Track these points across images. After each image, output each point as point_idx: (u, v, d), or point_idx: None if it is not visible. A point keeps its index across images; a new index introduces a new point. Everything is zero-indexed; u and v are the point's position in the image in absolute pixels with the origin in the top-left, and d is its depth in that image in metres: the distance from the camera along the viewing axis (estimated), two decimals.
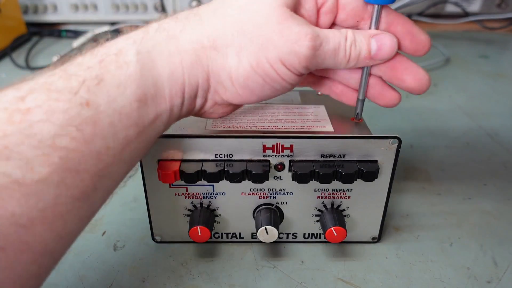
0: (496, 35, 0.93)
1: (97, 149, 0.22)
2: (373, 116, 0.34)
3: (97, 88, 0.22)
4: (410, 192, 0.43)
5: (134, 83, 0.23)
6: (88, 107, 0.21)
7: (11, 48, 0.81)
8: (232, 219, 0.35)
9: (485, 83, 0.70)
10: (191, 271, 0.33)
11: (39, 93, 0.21)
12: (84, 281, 0.32)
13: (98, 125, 0.22)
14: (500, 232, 0.38)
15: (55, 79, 0.22)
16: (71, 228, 0.22)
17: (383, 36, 0.28)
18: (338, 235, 0.32)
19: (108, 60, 0.23)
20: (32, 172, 0.19)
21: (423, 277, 0.33)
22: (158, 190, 0.33)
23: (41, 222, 0.20)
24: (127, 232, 0.37)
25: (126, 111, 0.23)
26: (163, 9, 0.93)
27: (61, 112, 0.20)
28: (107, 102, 0.22)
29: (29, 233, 0.19)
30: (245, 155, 0.31)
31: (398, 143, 0.31)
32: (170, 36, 0.25)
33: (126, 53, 0.24)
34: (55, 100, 0.21)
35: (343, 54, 0.27)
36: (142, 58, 0.24)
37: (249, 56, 0.26)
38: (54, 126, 0.20)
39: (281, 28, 0.25)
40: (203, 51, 0.26)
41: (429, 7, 0.94)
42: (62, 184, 0.20)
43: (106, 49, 0.24)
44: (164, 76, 0.25)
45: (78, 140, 0.21)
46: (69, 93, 0.21)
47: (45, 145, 0.20)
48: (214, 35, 0.25)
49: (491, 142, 0.52)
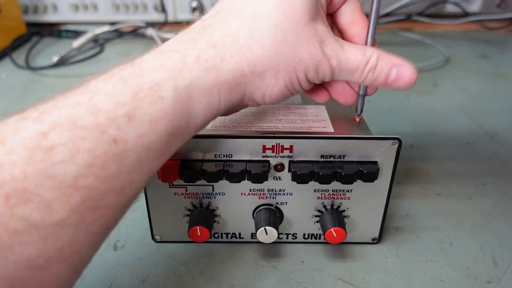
0: (496, 35, 0.93)
1: (120, 185, 0.21)
2: (373, 116, 0.34)
3: (127, 125, 0.21)
4: (410, 192, 0.43)
5: (167, 118, 0.22)
6: (115, 144, 0.20)
7: (11, 48, 0.82)
8: (232, 219, 0.35)
9: (485, 83, 0.70)
10: (191, 271, 0.33)
11: (64, 129, 0.19)
12: (84, 281, 0.32)
13: (124, 162, 0.21)
14: (500, 232, 0.38)
15: (81, 112, 0.20)
16: (86, 261, 0.21)
17: (404, 68, 0.28)
18: (337, 236, 0.32)
19: (141, 95, 0.22)
20: (51, 214, 0.18)
21: (423, 277, 0.33)
22: (157, 190, 0.33)
23: (58, 261, 0.19)
24: (127, 232, 0.37)
25: (155, 146, 0.22)
26: (163, 9, 0.93)
27: (86, 151, 0.19)
28: (136, 138, 0.21)
29: (45, 273, 0.19)
30: (244, 156, 0.31)
31: (399, 144, 0.30)
32: (210, 67, 0.24)
33: (162, 88, 0.22)
34: (80, 138, 0.19)
35: (358, 76, 0.28)
36: (179, 93, 0.23)
37: (284, 75, 0.26)
38: (78, 166, 0.19)
39: (310, 47, 0.26)
40: (243, 78, 0.25)
41: (429, 7, 0.94)
42: (82, 223, 0.19)
43: (140, 79, 0.22)
44: (200, 109, 0.24)
45: (101, 178, 0.20)
46: (97, 130, 0.20)
47: (66, 185, 0.19)
48: (254, 61, 0.25)
49: (491, 142, 0.52)
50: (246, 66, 0.25)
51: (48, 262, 0.18)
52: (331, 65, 0.27)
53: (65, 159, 0.19)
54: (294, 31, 0.25)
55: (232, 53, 0.25)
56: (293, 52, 0.26)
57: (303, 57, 0.26)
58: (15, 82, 0.70)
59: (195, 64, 0.24)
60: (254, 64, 0.25)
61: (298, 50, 0.26)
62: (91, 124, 0.20)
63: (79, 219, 0.19)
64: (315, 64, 0.26)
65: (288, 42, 0.25)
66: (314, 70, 0.27)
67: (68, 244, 0.19)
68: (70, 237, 0.19)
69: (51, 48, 0.85)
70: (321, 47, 0.26)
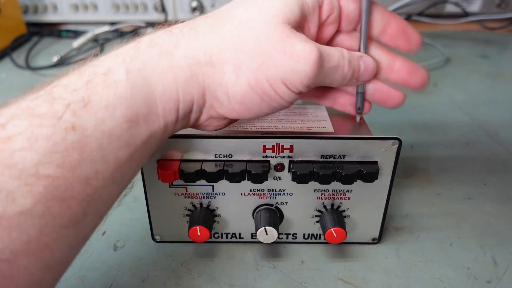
0: (496, 35, 0.93)
1: (85, 174, 0.20)
2: (373, 116, 0.34)
3: (83, 110, 0.21)
4: (410, 192, 0.43)
5: (124, 103, 0.22)
6: (74, 131, 0.20)
7: (11, 48, 0.82)
8: (232, 219, 0.35)
9: (485, 83, 0.70)
10: (191, 271, 0.33)
11: (21, 119, 0.19)
12: (84, 281, 0.32)
13: (86, 149, 0.20)
14: (500, 232, 0.38)
15: (38, 103, 0.20)
16: (60, 256, 0.21)
17: (367, 58, 0.28)
18: (337, 236, 0.32)
19: (95, 81, 0.22)
20: (13, 204, 0.18)
21: (423, 277, 0.33)
22: (157, 190, 0.33)
23: (26, 254, 0.19)
24: (127, 232, 0.37)
25: (116, 132, 0.22)
26: (163, 9, 0.93)
27: (44, 138, 0.19)
28: (94, 124, 0.21)
29: (13, 266, 0.18)
30: (244, 156, 0.31)
31: (399, 144, 0.30)
32: (163, 51, 0.24)
33: (115, 72, 0.22)
34: (38, 126, 0.19)
35: (341, 72, 0.27)
36: (133, 76, 0.23)
37: (247, 74, 0.24)
38: (37, 154, 0.19)
39: (284, 46, 0.24)
40: (199, 67, 0.24)
41: (429, 7, 0.94)
42: (48, 214, 0.19)
43: (94, 68, 0.23)
44: (157, 94, 0.23)
45: (63, 166, 0.19)
46: (53, 117, 0.20)
47: (27, 174, 0.18)
48: (211, 51, 0.24)
49: (491, 142, 0.52)
50: (202, 55, 0.24)
51: (14, 255, 0.18)
52: (316, 62, 0.25)
53: (24, 146, 0.19)
54: (264, 29, 0.24)
55: (188, 41, 0.25)
56: (258, 50, 0.24)
57: (273, 56, 0.24)
58: (15, 82, 0.70)
59: (148, 48, 0.24)
60: (210, 54, 0.24)
61: (267, 48, 0.24)
62: (47, 111, 0.20)
63: (45, 210, 0.19)
64: (293, 63, 0.24)
65: (254, 40, 0.24)
66: (293, 70, 0.24)
67: (35, 236, 0.19)
68: (37, 229, 0.19)
69: (51, 48, 0.85)
70: (303, 46, 0.24)
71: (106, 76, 0.22)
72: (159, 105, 0.24)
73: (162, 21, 0.93)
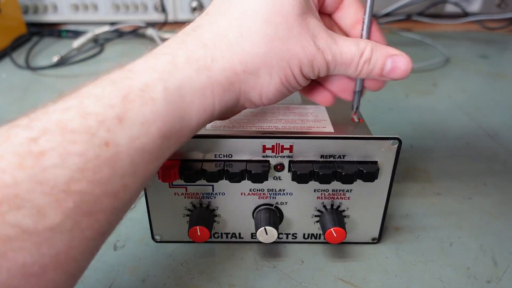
0: (496, 35, 0.93)
1: (114, 189, 0.20)
2: (373, 116, 0.34)
3: (118, 127, 0.20)
4: (410, 192, 0.43)
5: (159, 120, 0.22)
6: (107, 148, 0.20)
7: (11, 48, 0.82)
8: (232, 219, 0.35)
9: (485, 83, 0.70)
10: (191, 271, 0.33)
11: (54, 134, 0.19)
12: (84, 281, 0.32)
13: (117, 165, 0.20)
14: (500, 232, 0.38)
15: (70, 116, 0.20)
16: (83, 266, 0.21)
17: (400, 58, 0.28)
18: (337, 236, 0.32)
19: (131, 97, 0.21)
20: (44, 220, 0.18)
21: (423, 277, 0.33)
22: (157, 190, 0.33)
23: (54, 267, 0.19)
24: (127, 232, 0.37)
25: (149, 148, 0.22)
26: (163, 9, 0.93)
27: (77, 155, 0.19)
28: (128, 141, 0.21)
29: (41, 280, 0.18)
30: (244, 156, 0.31)
31: (399, 144, 0.30)
32: (201, 67, 0.24)
33: (153, 90, 0.22)
34: (70, 142, 0.19)
35: (353, 69, 0.28)
36: (170, 94, 0.22)
37: (279, 72, 0.26)
38: (69, 170, 0.19)
39: (302, 41, 0.26)
40: (236, 76, 0.25)
41: (429, 7, 0.94)
42: (76, 228, 0.19)
43: (129, 82, 0.22)
44: (193, 108, 0.24)
45: (94, 182, 0.19)
46: (87, 133, 0.20)
47: (58, 190, 0.18)
48: (246, 59, 0.25)
49: (491, 142, 0.52)
50: (238, 64, 0.25)
51: (43, 269, 0.18)
52: (325, 59, 0.27)
53: (56, 163, 0.19)
54: (285, 25, 0.25)
55: (223, 52, 0.25)
56: (285, 47, 0.25)
57: (296, 51, 0.26)
58: (15, 82, 0.70)
59: (185, 64, 0.24)
60: (246, 62, 0.25)
61: (291, 44, 0.25)
62: (81, 127, 0.20)
63: (74, 224, 0.19)
64: (310, 59, 0.26)
65: (279, 37, 0.25)
66: (309, 64, 0.26)
67: (63, 250, 0.19)
68: (65, 243, 0.19)
69: (51, 48, 0.85)
70: (314, 41, 0.26)
71: (143, 92, 0.22)
72: (193, 120, 0.24)
73: (162, 21, 0.93)
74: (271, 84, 0.26)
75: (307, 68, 0.27)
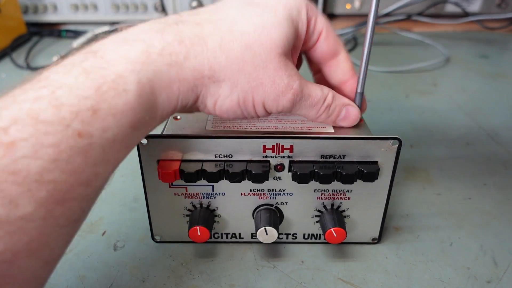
0: (496, 35, 0.93)
1: (86, 177, 0.21)
2: (373, 116, 0.34)
3: (91, 118, 0.20)
4: (410, 192, 0.43)
5: (131, 112, 0.22)
6: (80, 138, 0.20)
7: (11, 48, 0.82)
8: (232, 220, 0.35)
9: (485, 83, 0.70)
10: (191, 271, 0.33)
11: (25, 124, 0.19)
12: (84, 281, 0.32)
13: (89, 154, 0.20)
14: (500, 232, 0.38)
15: (42, 106, 0.20)
16: (57, 253, 0.21)
17: (352, 108, 0.32)
18: (337, 236, 0.32)
19: (105, 88, 0.21)
20: (16, 209, 0.18)
21: (423, 277, 0.33)
22: (158, 190, 0.33)
23: (26, 254, 0.19)
24: (127, 232, 0.37)
25: (119, 138, 0.22)
26: (163, 9, 0.93)
27: (50, 146, 0.19)
28: (101, 131, 0.21)
29: (14, 267, 0.19)
30: (244, 156, 0.31)
31: (399, 144, 0.30)
32: (173, 62, 0.24)
33: (126, 81, 0.22)
34: (43, 133, 0.19)
35: (315, 112, 0.30)
36: (142, 87, 0.23)
37: (239, 92, 0.27)
38: (42, 161, 0.19)
39: (274, 76, 0.27)
40: (201, 79, 0.25)
41: (429, 7, 0.94)
42: (49, 216, 0.19)
43: (102, 71, 0.22)
44: (159, 101, 0.24)
45: (67, 171, 0.20)
46: (60, 124, 0.19)
47: (30, 180, 0.18)
48: (215, 67, 0.25)
49: (491, 142, 0.52)
50: (207, 70, 0.25)
51: (16, 256, 0.18)
52: (293, 98, 0.28)
53: (28, 154, 0.18)
54: (264, 57, 0.26)
55: (197, 54, 0.25)
56: (256, 76, 0.26)
57: (265, 84, 0.27)
58: (15, 82, 0.70)
59: (159, 57, 0.24)
60: (214, 70, 0.26)
61: (262, 76, 0.26)
62: (54, 118, 0.19)
63: (46, 213, 0.19)
64: (277, 94, 0.27)
65: (254, 65, 0.26)
66: (275, 99, 0.27)
67: (36, 237, 0.19)
68: (38, 231, 0.19)
69: (51, 48, 0.85)
70: (288, 80, 0.27)
71: (117, 84, 0.22)
72: (159, 111, 0.25)
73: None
74: (228, 99, 0.27)
75: (271, 102, 0.28)
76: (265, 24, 0.26)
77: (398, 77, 0.72)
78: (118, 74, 0.22)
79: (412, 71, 0.74)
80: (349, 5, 0.98)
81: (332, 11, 0.99)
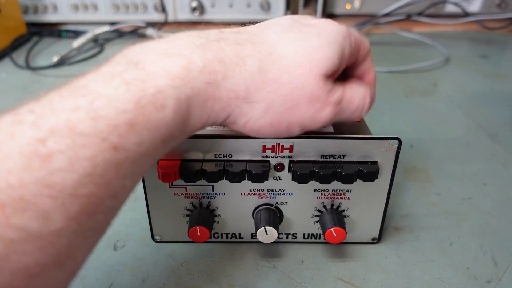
0: (496, 35, 0.93)
1: (116, 190, 0.20)
2: (373, 116, 0.34)
3: (128, 132, 0.20)
4: (410, 192, 0.43)
5: (165, 127, 0.22)
6: (115, 152, 0.20)
7: (11, 48, 0.82)
8: (232, 219, 0.35)
9: (485, 83, 0.70)
10: (191, 271, 0.33)
11: (62, 135, 0.18)
12: (84, 281, 0.32)
13: (121, 167, 0.20)
14: (500, 232, 0.38)
15: (80, 117, 0.19)
16: (81, 264, 0.21)
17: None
18: (337, 236, 0.32)
19: (144, 102, 0.21)
20: (49, 224, 0.18)
21: (423, 277, 0.33)
22: (157, 190, 0.33)
23: (54, 267, 0.19)
24: (127, 232, 0.37)
25: (150, 152, 0.22)
26: (163, 9, 0.93)
27: (86, 159, 0.19)
28: (135, 146, 0.21)
29: (40, 280, 0.18)
30: (244, 156, 0.31)
31: (398, 144, 0.30)
32: (212, 80, 0.24)
33: (165, 97, 0.22)
34: (80, 146, 0.19)
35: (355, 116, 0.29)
36: (180, 103, 0.23)
37: (274, 114, 0.26)
38: (77, 174, 0.18)
39: (311, 97, 0.26)
40: (235, 100, 0.25)
41: (429, 7, 0.94)
42: (79, 230, 0.19)
43: (142, 84, 0.21)
44: (192, 117, 0.24)
45: (100, 185, 0.19)
46: (97, 138, 0.19)
47: (65, 194, 0.18)
48: (251, 89, 0.25)
49: (491, 142, 0.52)
50: (243, 90, 0.25)
51: (43, 270, 0.18)
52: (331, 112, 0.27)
53: (64, 167, 0.18)
54: (302, 79, 0.25)
55: (235, 74, 0.25)
56: (291, 97, 0.26)
57: (300, 104, 0.26)
58: (15, 82, 0.70)
59: (199, 74, 0.24)
60: (249, 92, 0.25)
61: (298, 96, 0.26)
62: (91, 130, 0.19)
63: (77, 227, 0.19)
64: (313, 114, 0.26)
65: (291, 87, 0.25)
66: (311, 118, 0.27)
67: (64, 251, 0.19)
68: (67, 244, 0.19)
69: (51, 48, 0.85)
70: (324, 98, 0.26)
71: (156, 99, 0.21)
72: (190, 126, 0.24)
73: (162, 21, 0.93)
74: (261, 120, 0.26)
75: (309, 123, 0.27)
76: (306, 47, 0.26)
77: (398, 77, 0.72)
78: (158, 88, 0.22)
79: (412, 71, 0.74)
80: (349, 5, 0.98)
81: (332, 11, 0.99)
